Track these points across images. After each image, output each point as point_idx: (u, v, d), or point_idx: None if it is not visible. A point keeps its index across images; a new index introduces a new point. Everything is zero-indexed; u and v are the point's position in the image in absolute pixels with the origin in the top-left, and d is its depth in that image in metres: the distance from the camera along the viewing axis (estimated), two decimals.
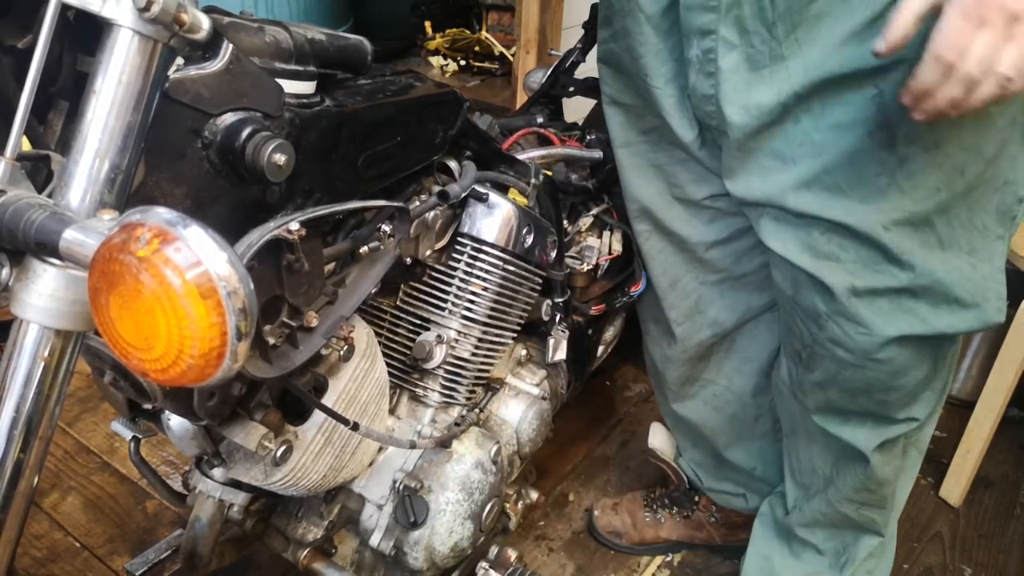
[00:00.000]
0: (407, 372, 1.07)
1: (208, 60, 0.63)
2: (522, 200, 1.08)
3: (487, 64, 3.73)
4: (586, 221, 1.36)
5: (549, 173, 1.25)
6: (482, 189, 1.01)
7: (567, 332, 1.24)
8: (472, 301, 1.04)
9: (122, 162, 0.58)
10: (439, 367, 1.04)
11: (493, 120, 1.23)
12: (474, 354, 1.06)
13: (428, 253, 1.00)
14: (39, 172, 0.62)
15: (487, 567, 1.11)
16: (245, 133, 0.65)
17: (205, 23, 0.59)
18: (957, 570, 1.49)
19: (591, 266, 1.33)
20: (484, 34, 3.71)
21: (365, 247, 0.85)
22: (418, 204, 0.93)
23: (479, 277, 1.03)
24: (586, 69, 1.65)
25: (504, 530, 1.23)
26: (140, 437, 1.04)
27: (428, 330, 1.04)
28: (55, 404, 0.62)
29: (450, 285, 1.03)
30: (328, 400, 0.89)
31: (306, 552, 1.05)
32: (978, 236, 0.91)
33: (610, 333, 1.53)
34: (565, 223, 1.27)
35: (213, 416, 0.78)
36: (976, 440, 1.55)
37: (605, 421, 1.82)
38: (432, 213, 0.97)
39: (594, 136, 1.47)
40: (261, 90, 0.67)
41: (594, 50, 1.63)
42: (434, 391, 1.06)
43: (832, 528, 1.21)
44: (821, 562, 1.23)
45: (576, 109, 1.75)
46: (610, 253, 1.37)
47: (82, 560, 1.40)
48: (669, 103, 1.03)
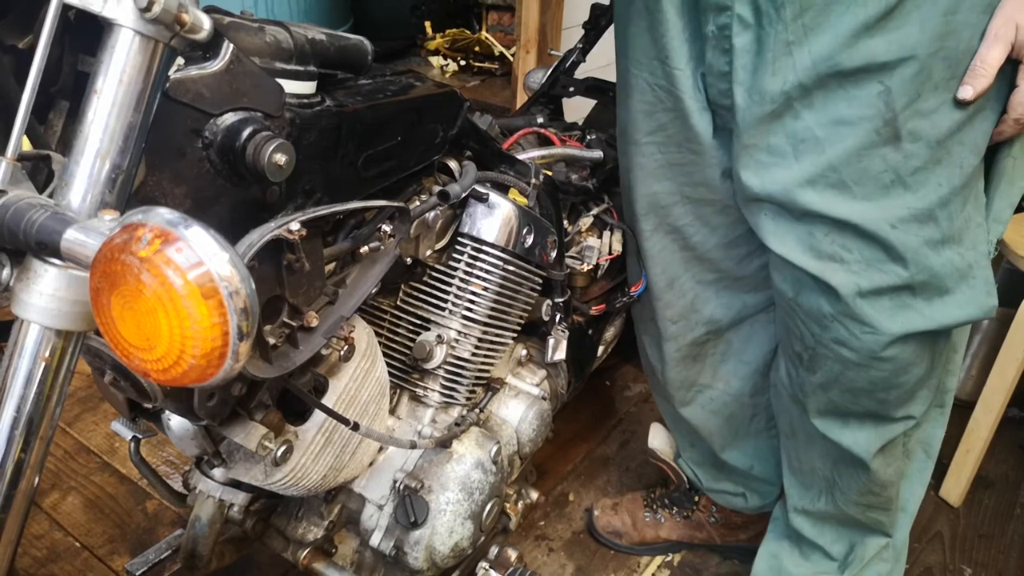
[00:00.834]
0: (407, 372, 1.07)
1: (209, 60, 0.63)
2: (522, 200, 1.08)
3: (487, 64, 3.72)
4: (586, 221, 1.36)
5: (549, 173, 1.25)
6: (482, 189, 1.01)
7: (567, 332, 1.24)
8: (472, 301, 1.04)
9: (123, 162, 0.58)
10: (439, 367, 1.04)
11: (493, 120, 1.23)
12: (474, 354, 1.06)
13: (428, 253, 1.00)
14: (40, 172, 0.62)
15: (487, 567, 1.11)
16: (246, 133, 0.65)
17: (206, 23, 0.59)
18: (957, 570, 1.49)
19: (591, 266, 1.33)
20: (484, 34, 3.71)
21: (365, 247, 0.85)
22: (418, 204, 0.92)
23: (479, 277, 1.04)
24: (586, 69, 1.65)
25: (504, 530, 1.23)
26: (140, 437, 1.04)
27: (428, 330, 1.04)
28: (56, 404, 0.62)
29: (450, 285, 1.03)
30: (328, 400, 0.89)
31: (306, 552, 1.05)
32: (965, 226, 0.93)
33: (610, 333, 1.53)
34: (565, 223, 1.27)
35: (213, 416, 0.78)
36: (976, 440, 1.55)
37: (605, 421, 1.82)
38: (432, 213, 0.97)
39: (594, 136, 1.48)
40: (262, 90, 0.67)
41: (594, 50, 1.64)
42: (434, 391, 1.06)
43: (839, 529, 1.20)
44: (831, 565, 1.23)
45: (576, 109, 1.75)
46: (610, 253, 1.37)
47: (82, 560, 1.40)
48: (687, 86, 1.01)
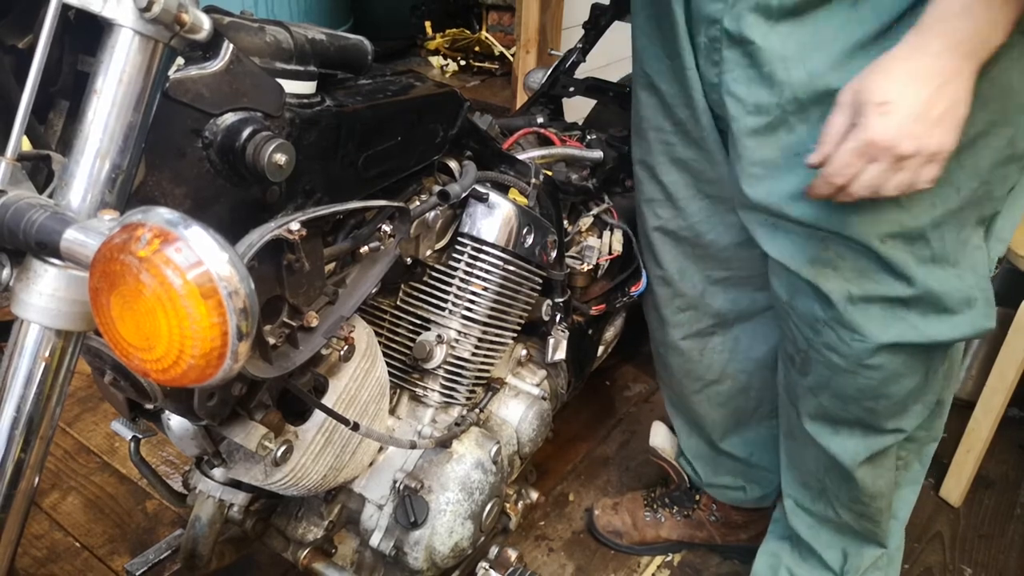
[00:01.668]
0: (407, 372, 1.07)
1: (209, 60, 0.63)
2: (522, 200, 1.08)
3: (487, 64, 3.72)
4: (586, 221, 1.36)
5: (549, 173, 1.25)
6: (482, 189, 1.01)
7: (567, 332, 1.24)
8: (472, 301, 1.04)
9: (123, 162, 0.58)
10: (439, 367, 1.04)
11: (493, 120, 1.24)
12: (474, 354, 1.06)
13: (428, 253, 1.00)
14: (40, 172, 0.62)
15: (487, 567, 1.11)
16: (246, 133, 0.65)
17: (206, 23, 0.59)
18: (957, 570, 1.49)
19: (591, 266, 1.33)
20: (484, 34, 3.71)
21: (365, 247, 0.85)
22: (418, 204, 0.92)
23: (479, 277, 1.03)
24: (586, 69, 1.65)
25: (504, 530, 1.23)
26: (140, 437, 1.04)
27: (428, 330, 1.04)
28: (56, 404, 0.62)
29: (450, 285, 1.03)
30: (328, 400, 0.89)
31: (306, 552, 1.05)
32: (961, 248, 0.92)
33: (610, 333, 1.53)
34: (565, 223, 1.27)
35: (213, 416, 0.78)
36: (976, 440, 1.55)
37: (605, 421, 1.82)
38: (432, 213, 0.97)
39: (594, 136, 1.48)
40: (261, 90, 0.67)
41: (594, 50, 1.64)
42: (434, 391, 1.06)
43: (835, 533, 1.20)
44: (825, 571, 1.23)
45: (576, 109, 1.75)
46: (610, 253, 1.37)
47: (82, 560, 1.40)
48: (699, 85, 1.01)
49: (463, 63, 3.75)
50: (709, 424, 1.33)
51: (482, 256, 1.03)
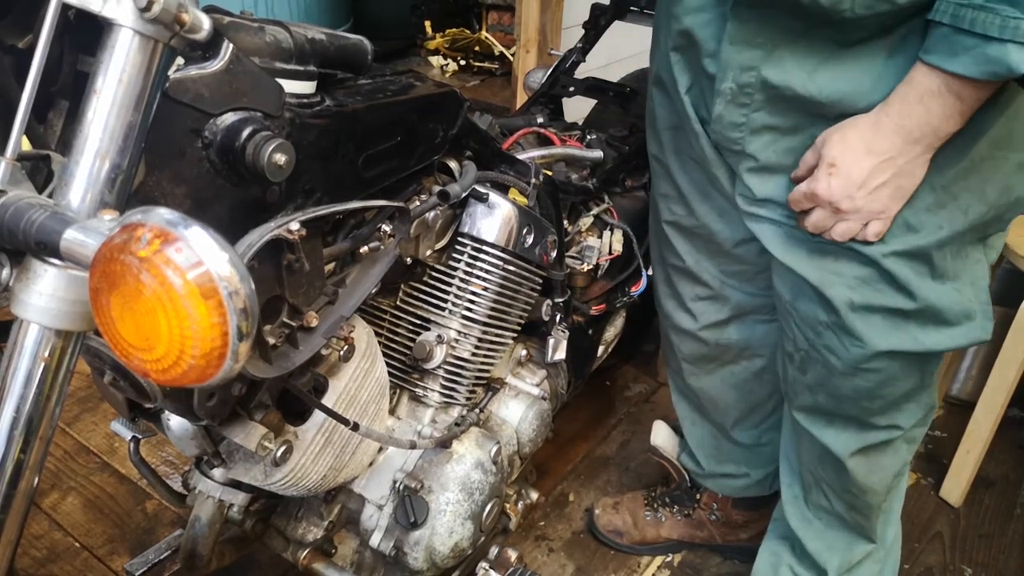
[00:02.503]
0: (407, 372, 1.07)
1: (208, 60, 0.63)
2: (522, 200, 1.08)
3: (487, 64, 3.73)
4: (586, 221, 1.36)
5: (549, 173, 1.25)
6: (482, 189, 1.01)
7: (567, 332, 1.24)
8: (472, 301, 1.04)
9: (123, 162, 0.57)
10: (439, 367, 1.04)
11: (493, 120, 1.23)
12: (474, 354, 1.06)
13: (428, 253, 0.99)
14: (39, 172, 0.62)
15: (487, 567, 1.11)
16: (245, 133, 0.65)
17: (206, 23, 0.59)
18: (957, 570, 1.49)
19: (591, 266, 1.33)
20: (484, 34, 3.71)
21: (365, 247, 0.85)
22: (418, 204, 0.92)
23: (479, 277, 1.03)
24: (586, 69, 1.65)
25: (504, 530, 1.23)
26: (140, 437, 1.04)
27: (428, 330, 1.04)
28: (55, 404, 0.62)
29: (450, 285, 1.03)
30: (328, 400, 0.89)
31: (306, 552, 1.05)
32: (962, 263, 0.93)
33: (610, 333, 1.53)
34: (565, 223, 1.27)
35: (213, 416, 0.78)
36: (976, 440, 1.55)
37: (605, 421, 1.82)
38: (432, 213, 0.97)
39: (594, 136, 1.47)
40: (261, 90, 0.67)
41: (594, 50, 1.64)
42: (434, 391, 1.06)
43: (826, 527, 1.20)
44: (814, 566, 1.23)
45: (576, 109, 1.75)
46: (610, 253, 1.37)
47: (82, 560, 1.40)
48: (689, 110, 1.02)
49: (463, 63, 3.76)
50: (721, 408, 1.32)
51: (482, 256, 1.03)
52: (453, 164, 1.02)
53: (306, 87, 0.75)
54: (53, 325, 0.58)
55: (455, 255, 1.03)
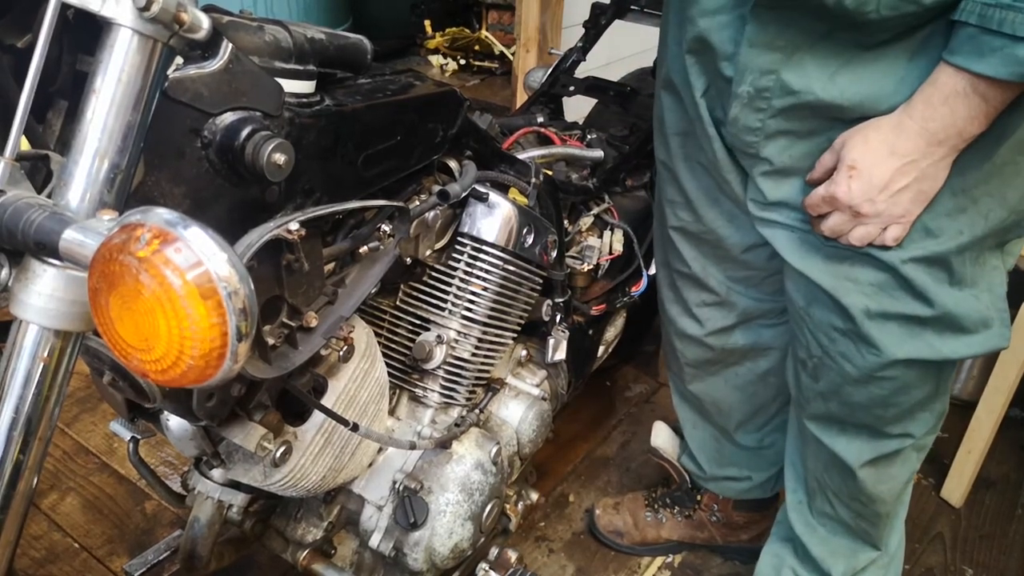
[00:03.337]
0: (407, 372, 1.06)
1: (208, 59, 0.63)
2: (522, 200, 1.08)
3: (487, 63, 3.73)
4: (586, 221, 1.36)
5: (549, 173, 1.25)
6: (482, 188, 1.01)
7: (567, 332, 1.24)
8: (472, 301, 1.04)
9: (122, 162, 0.57)
10: (439, 367, 1.04)
11: (493, 119, 1.23)
12: (474, 354, 1.06)
13: (428, 253, 0.99)
14: (38, 172, 0.62)
15: (487, 568, 1.11)
16: (245, 132, 0.65)
17: (205, 22, 0.59)
18: (958, 571, 1.49)
19: (592, 266, 1.33)
20: (484, 33, 3.71)
21: (365, 247, 0.85)
22: (418, 204, 0.92)
23: (479, 277, 1.03)
24: (586, 68, 1.65)
25: (504, 531, 1.23)
26: (139, 438, 1.04)
27: (428, 330, 1.04)
28: (54, 405, 0.62)
29: (450, 285, 1.03)
30: (328, 401, 0.88)
31: (305, 553, 1.05)
32: (981, 270, 0.92)
33: (610, 333, 1.53)
34: (565, 223, 1.27)
35: (212, 417, 0.78)
36: (977, 440, 1.55)
37: (605, 422, 1.82)
38: (432, 213, 0.97)
39: (594, 135, 1.47)
40: (261, 89, 0.67)
41: (594, 49, 1.64)
42: (434, 391, 1.06)
43: (830, 533, 1.20)
44: (819, 572, 1.23)
45: (576, 108, 1.74)
46: (611, 253, 1.37)
47: (81, 561, 1.40)
48: (704, 114, 1.00)
49: (463, 62, 3.76)
50: (724, 410, 1.32)
51: (482, 256, 1.03)
52: (453, 164, 1.02)
53: (305, 87, 0.75)
54: (52, 325, 0.58)
55: (455, 255, 1.03)
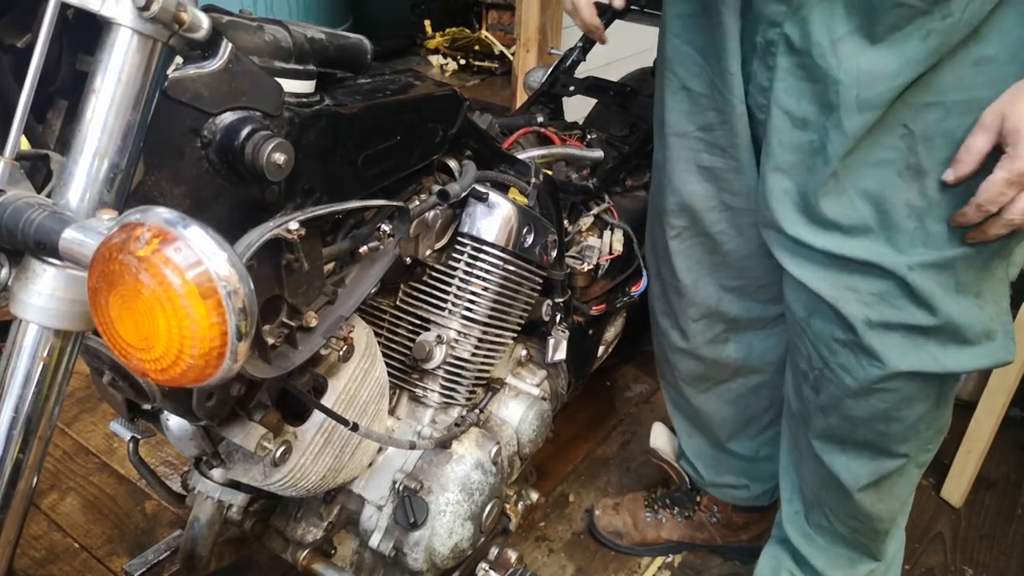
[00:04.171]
0: (407, 372, 1.06)
1: (207, 59, 0.63)
2: (522, 200, 1.08)
3: (487, 63, 3.73)
4: (586, 221, 1.36)
5: (549, 172, 1.25)
6: (482, 188, 1.01)
7: (567, 332, 1.24)
8: (472, 301, 1.04)
9: (121, 161, 0.57)
10: (439, 367, 1.04)
11: (493, 119, 1.23)
12: (474, 354, 1.06)
13: (428, 253, 0.99)
14: (38, 171, 0.62)
15: (487, 568, 1.11)
16: (244, 132, 0.65)
17: (204, 22, 0.59)
18: (958, 571, 1.49)
19: (592, 266, 1.33)
20: (484, 33, 3.71)
21: (365, 247, 0.85)
22: (418, 203, 0.92)
23: (479, 277, 1.03)
24: (586, 68, 1.65)
25: (504, 531, 1.23)
26: (139, 437, 1.04)
27: (428, 330, 1.04)
28: (54, 404, 0.62)
29: (450, 285, 1.03)
30: (327, 401, 0.88)
31: (305, 553, 1.05)
32: (986, 278, 0.91)
33: (610, 333, 1.53)
34: (565, 223, 1.27)
35: (212, 416, 0.78)
36: (977, 440, 1.55)
37: (605, 422, 1.82)
38: (432, 212, 0.97)
39: (594, 135, 1.48)
40: (260, 89, 0.67)
41: (594, 49, 1.64)
42: (434, 391, 1.06)
43: (829, 544, 1.19)
44: None
45: (576, 108, 1.75)
46: (611, 253, 1.37)
47: (81, 561, 1.39)
48: (738, 90, 0.97)
49: (463, 62, 3.76)
50: (717, 423, 1.32)
51: (482, 256, 1.03)
52: (453, 163, 1.02)
53: (305, 86, 0.75)
54: (52, 325, 0.58)
55: (455, 255, 1.03)
